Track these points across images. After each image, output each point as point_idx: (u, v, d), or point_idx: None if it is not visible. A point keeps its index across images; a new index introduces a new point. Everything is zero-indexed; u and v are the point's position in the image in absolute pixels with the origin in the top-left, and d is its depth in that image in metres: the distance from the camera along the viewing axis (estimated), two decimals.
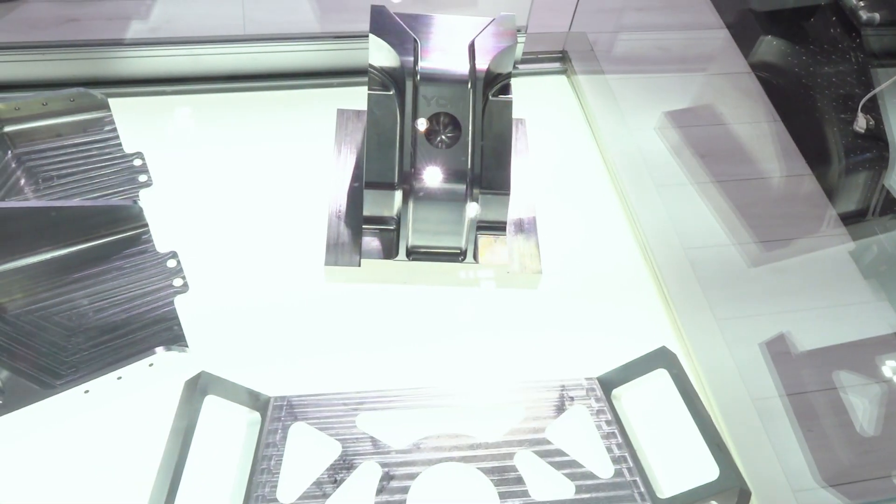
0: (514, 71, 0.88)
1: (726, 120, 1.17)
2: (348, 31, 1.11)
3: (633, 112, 1.15)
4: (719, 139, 1.15)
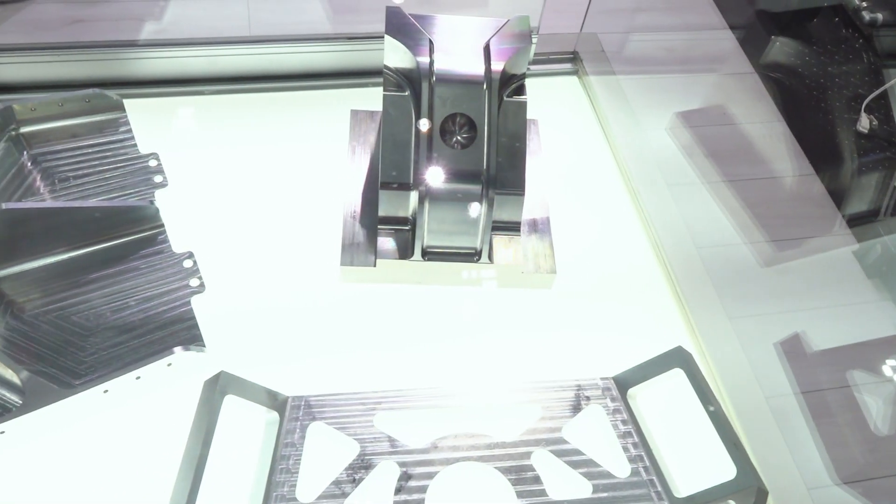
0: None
1: (738, 120, 1.18)
2: (361, 32, 1.12)
3: (645, 112, 1.15)
4: (730, 139, 1.16)
